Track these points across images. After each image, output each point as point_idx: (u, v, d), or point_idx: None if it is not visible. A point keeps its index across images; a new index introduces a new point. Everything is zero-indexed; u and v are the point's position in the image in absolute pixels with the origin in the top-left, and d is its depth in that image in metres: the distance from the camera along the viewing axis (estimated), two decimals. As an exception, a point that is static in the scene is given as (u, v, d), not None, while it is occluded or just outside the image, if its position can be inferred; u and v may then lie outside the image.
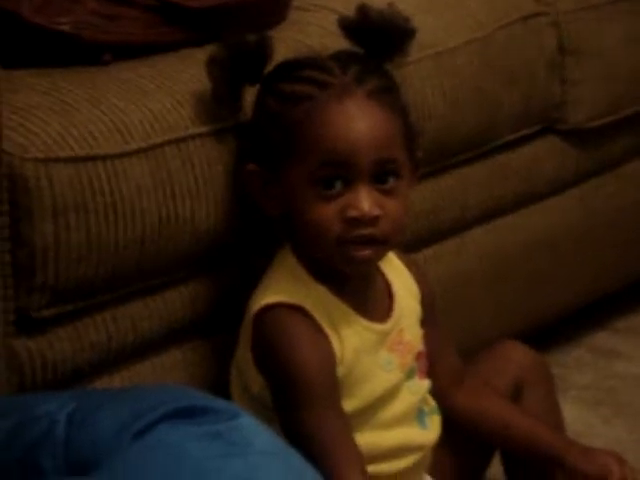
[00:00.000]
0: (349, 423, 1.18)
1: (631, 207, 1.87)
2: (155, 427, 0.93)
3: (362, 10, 1.24)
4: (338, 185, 1.16)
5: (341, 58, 1.21)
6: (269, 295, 1.20)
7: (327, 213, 1.17)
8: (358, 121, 1.17)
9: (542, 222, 1.73)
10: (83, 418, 0.97)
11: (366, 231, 1.17)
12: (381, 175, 1.18)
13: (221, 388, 1.24)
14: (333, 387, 1.18)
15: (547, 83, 1.66)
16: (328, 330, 1.19)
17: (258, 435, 0.94)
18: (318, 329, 1.19)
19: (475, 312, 1.65)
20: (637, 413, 1.71)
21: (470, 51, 1.53)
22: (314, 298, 1.20)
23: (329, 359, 1.19)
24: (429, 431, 1.28)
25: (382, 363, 1.23)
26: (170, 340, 1.29)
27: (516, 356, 1.37)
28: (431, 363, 1.30)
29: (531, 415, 1.32)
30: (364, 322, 1.22)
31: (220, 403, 0.96)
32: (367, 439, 1.20)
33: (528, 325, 1.73)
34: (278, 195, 1.20)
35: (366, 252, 1.18)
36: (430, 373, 1.30)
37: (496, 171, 1.63)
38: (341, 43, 1.29)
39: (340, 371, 1.19)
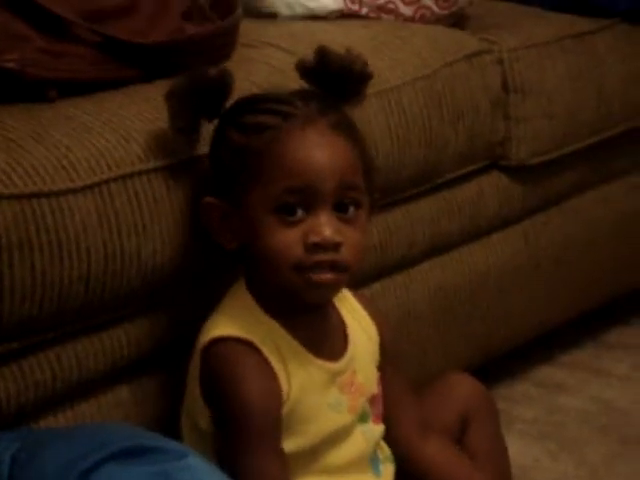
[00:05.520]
0: (287, 465, 1.17)
1: (575, 243, 1.89)
2: (102, 466, 0.92)
3: (321, 54, 1.23)
4: (300, 211, 1.16)
5: (302, 94, 1.22)
6: (218, 328, 1.19)
7: (288, 239, 1.16)
8: (322, 148, 1.17)
9: (488, 257, 1.74)
10: (28, 458, 0.96)
11: (327, 257, 1.16)
12: (342, 204, 1.18)
13: (169, 427, 1.23)
14: (274, 425, 1.17)
15: (491, 120, 1.68)
16: (276, 365, 1.18)
17: (206, 475, 0.93)
18: (265, 364, 1.18)
19: (421, 346, 1.65)
20: (583, 447, 1.72)
21: (415, 89, 1.54)
22: (264, 332, 1.19)
23: (274, 396, 1.17)
24: (383, 479, 1.27)
25: (331, 403, 1.22)
26: (116, 378, 1.28)
27: (463, 389, 1.38)
28: (393, 410, 1.29)
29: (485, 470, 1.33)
30: (314, 359, 1.21)
31: (168, 443, 0.96)
32: None
33: (474, 359, 1.73)
34: (236, 226, 1.19)
35: (327, 276, 1.17)
36: (393, 421, 1.29)
37: (442, 207, 1.64)
38: (287, 80, 1.30)
39: (285, 408, 1.18)
